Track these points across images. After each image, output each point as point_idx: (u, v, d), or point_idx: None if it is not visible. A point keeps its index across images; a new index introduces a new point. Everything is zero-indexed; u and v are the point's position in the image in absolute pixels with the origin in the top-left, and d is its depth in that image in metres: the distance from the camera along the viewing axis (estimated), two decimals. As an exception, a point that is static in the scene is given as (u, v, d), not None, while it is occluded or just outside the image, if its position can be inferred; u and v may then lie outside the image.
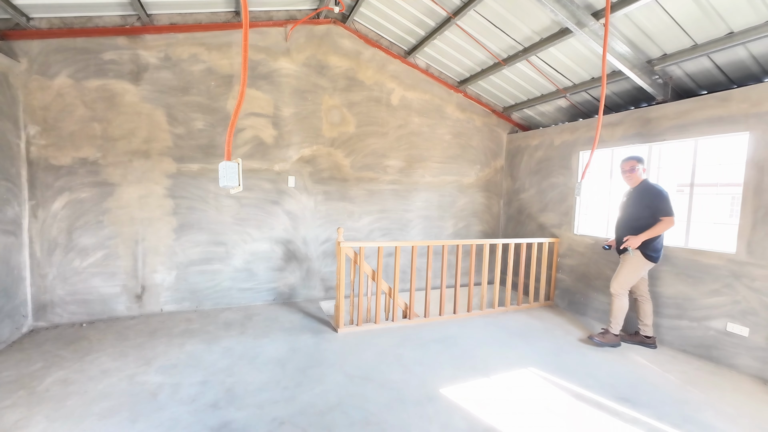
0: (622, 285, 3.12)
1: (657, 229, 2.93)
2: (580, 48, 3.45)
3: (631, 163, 3.09)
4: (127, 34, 3.33)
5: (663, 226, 2.92)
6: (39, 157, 3.13)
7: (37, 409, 2.08)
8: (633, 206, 3.08)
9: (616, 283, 3.14)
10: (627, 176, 3.13)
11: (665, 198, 2.95)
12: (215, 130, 3.72)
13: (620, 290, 3.13)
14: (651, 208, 2.97)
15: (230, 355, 2.81)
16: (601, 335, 3.21)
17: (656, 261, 3.07)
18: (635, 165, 3.07)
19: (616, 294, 3.15)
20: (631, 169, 3.09)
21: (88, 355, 2.73)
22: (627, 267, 3.10)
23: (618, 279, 3.13)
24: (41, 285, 3.21)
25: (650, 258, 3.04)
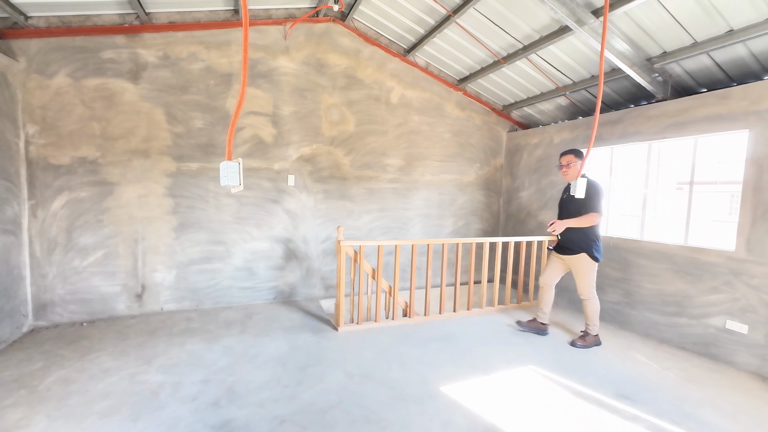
0: (589, 288, 3.12)
1: (581, 221, 2.95)
2: (580, 46, 3.45)
3: (568, 158, 3.06)
4: (126, 33, 3.32)
5: (587, 219, 2.94)
6: (38, 156, 3.13)
7: (39, 408, 2.09)
8: (574, 202, 3.05)
9: (583, 288, 3.14)
10: (564, 171, 3.11)
11: (600, 194, 2.97)
12: (214, 128, 3.72)
13: (589, 293, 3.13)
14: (587, 202, 2.97)
15: (231, 354, 2.82)
16: (581, 339, 3.17)
17: (600, 259, 3.10)
18: (572, 160, 3.04)
19: (586, 297, 3.14)
20: (567, 164, 3.06)
21: (88, 355, 2.74)
22: (583, 273, 3.10)
23: (582, 285, 3.13)
24: (41, 284, 3.21)
25: (595, 259, 3.06)
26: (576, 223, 2.97)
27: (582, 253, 3.05)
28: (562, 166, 3.11)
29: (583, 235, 3.04)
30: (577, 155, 3.05)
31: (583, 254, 3.05)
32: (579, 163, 3.02)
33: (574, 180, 2.87)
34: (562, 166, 3.10)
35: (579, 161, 3.02)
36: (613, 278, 3.78)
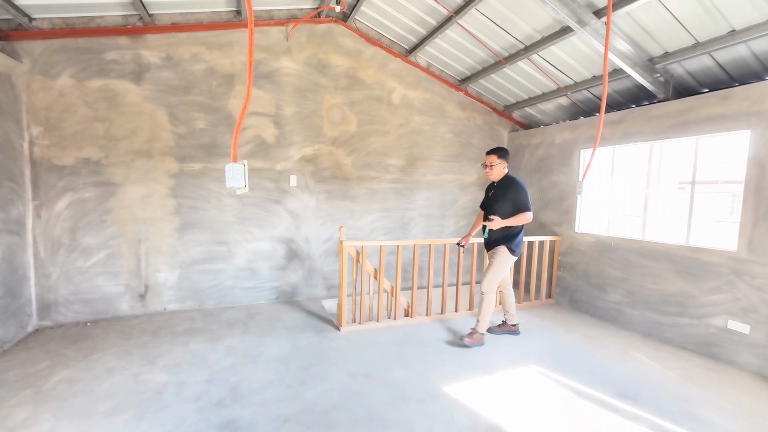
0: (493, 283, 3.09)
1: (517, 219, 2.96)
2: (582, 46, 3.45)
3: (491, 158, 3.05)
4: (129, 34, 3.33)
5: (523, 218, 2.96)
6: (42, 157, 3.15)
7: (44, 407, 2.10)
8: (497, 200, 3.06)
9: (487, 281, 3.09)
10: (488, 170, 3.11)
11: (525, 193, 3.00)
12: (217, 129, 3.73)
13: (491, 288, 3.10)
14: (513, 202, 3.00)
15: (234, 354, 2.83)
16: (469, 336, 3.11)
17: (519, 254, 3.12)
18: (494, 161, 3.04)
19: (487, 292, 3.10)
20: (491, 164, 3.06)
21: (92, 354, 2.75)
22: (495, 265, 3.07)
23: (488, 277, 3.09)
24: (45, 285, 3.23)
25: (514, 252, 3.07)
26: (513, 222, 2.97)
27: (501, 245, 3.06)
28: (486, 165, 3.10)
29: (502, 233, 3.07)
30: (500, 156, 3.04)
31: (502, 246, 3.06)
32: (503, 162, 3.05)
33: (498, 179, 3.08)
34: (486, 165, 3.10)
35: (502, 162, 3.04)
36: (614, 278, 3.79)
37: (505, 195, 3.02)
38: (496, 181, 3.14)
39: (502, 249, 3.05)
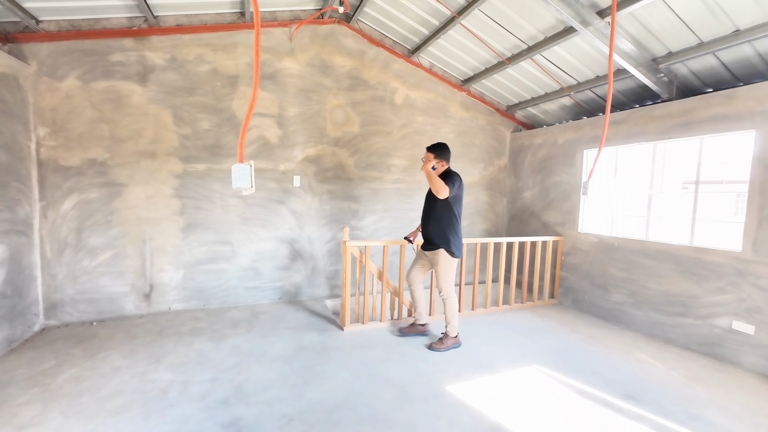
0: (449, 287, 3.03)
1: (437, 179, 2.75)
2: (585, 47, 3.45)
3: (428, 156, 2.93)
4: (134, 36, 3.36)
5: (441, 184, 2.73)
6: (48, 158, 3.18)
7: (52, 405, 2.13)
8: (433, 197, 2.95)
9: (441, 286, 3.03)
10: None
11: (454, 177, 2.87)
12: (220, 130, 3.75)
13: (450, 292, 3.04)
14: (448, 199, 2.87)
15: (238, 353, 2.85)
16: (439, 341, 3.06)
17: (460, 256, 3.02)
18: (430, 158, 2.91)
19: (447, 297, 3.04)
20: (428, 160, 2.93)
21: (98, 353, 2.78)
22: (442, 269, 3.00)
23: (441, 282, 3.02)
24: (52, 284, 3.26)
25: (453, 255, 2.97)
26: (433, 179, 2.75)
27: (440, 249, 2.97)
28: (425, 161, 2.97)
29: (440, 230, 2.95)
30: (437, 154, 2.91)
31: (441, 250, 2.97)
32: (441, 161, 2.91)
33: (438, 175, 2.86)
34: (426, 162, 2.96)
35: (439, 159, 2.91)
36: (617, 278, 3.78)
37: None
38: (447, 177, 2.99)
39: (441, 253, 2.97)
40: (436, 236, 2.98)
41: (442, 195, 2.75)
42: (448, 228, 2.95)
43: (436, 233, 2.98)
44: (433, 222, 3.00)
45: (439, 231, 2.96)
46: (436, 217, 2.97)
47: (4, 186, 2.72)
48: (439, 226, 2.96)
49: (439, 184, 2.75)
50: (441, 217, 2.95)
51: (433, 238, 3.01)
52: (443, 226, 2.95)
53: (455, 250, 2.97)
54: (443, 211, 2.94)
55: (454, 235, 2.96)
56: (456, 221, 2.96)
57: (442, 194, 2.74)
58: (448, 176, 2.89)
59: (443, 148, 2.95)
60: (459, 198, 2.95)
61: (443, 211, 2.94)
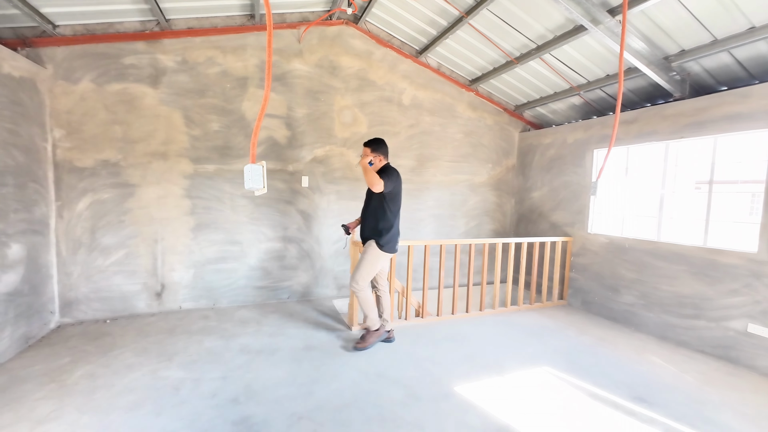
0: (361, 279, 2.95)
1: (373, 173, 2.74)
2: (595, 45, 3.42)
3: (365, 150, 2.93)
4: (146, 39, 3.42)
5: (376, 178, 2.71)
6: (64, 159, 3.25)
7: (68, 401, 2.18)
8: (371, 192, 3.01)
9: (355, 274, 2.97)
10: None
11: (391, 173, 2.86)
12: (230, 131, 3.80)
13: (360, 284, 2.96)
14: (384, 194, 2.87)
15: (247, 352, 2.88)
16: (361, 341, 3.02)
17: (391, 251, 2.98)
18: (367, 153, 2.91)
19: (357, 290, 2.96)
20: (365, 154, 2.93)
21: (112, 351, 2.84)
22: (364, 260, 2.95)
23: (358, 272, 2.96)
24: (67, 283, 3.34)
25: (382, 248, 2.93)
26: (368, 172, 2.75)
27: (371, 240, 2.97)
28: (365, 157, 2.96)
29: (374, 224, 2.97)
30: (374, 149, 2.90)
31: (371, 241, 2.96)
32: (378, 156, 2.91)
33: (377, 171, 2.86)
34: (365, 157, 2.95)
35: (375, 154, 2.90)
36: (628, 280, 3.73)
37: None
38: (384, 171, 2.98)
39: (370, 243, 2.96)
40: (369, 230, 3.00)
41: (376, 188, 2.73)
42: (383, 222, 2.94)
43: (370, 227, 3.00)
44: (369, 216, 3.02)
45: (373, 225, 2.98)
46: (371, 212, 3.00)
47: (21, 187, 2.80)
48: (374, 221, 2.97)
49: (374, 177, 2.73)
50: (376, 212, 2.97)
51: (366, 232, 3.04)
52: (378, 220, 2.96)
53: (385, 244, 2.94)
54: (378, 206, 2.95)
55: (389, 230, 2.95)
56: (391, 217, 2.95)
57: (377, 187, 2.72)
58: (385, 171, 2.88)
59: (380, 143, 2.95)
60: (395, 194, 2.93)
61: (378, 206, 2.95)
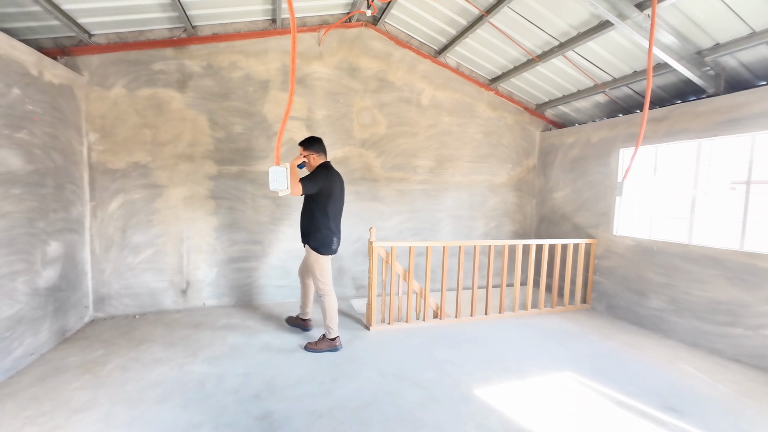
0: (320, 283, 2.97)
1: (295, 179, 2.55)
2: (622, 41, 3.31)
3: (300, 150, 2.93)
4: (174, 46, 3.55)
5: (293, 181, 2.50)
6: (98, 161, 3.42)
7: (101, 391, 2.29)
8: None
9: (315, 283, 3.02)
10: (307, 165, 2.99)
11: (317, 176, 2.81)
12: (252, 133, 3.89)
13: (321, 289, 2.98)
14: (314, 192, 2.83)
15: (268, 349, 2.95)
16: (315, 344, 2.97)
17: (330, 252, 2.95)
18: (302, 151, 2.91)
19: (320, 294, 2.99)
20: (306, 157, 2.91)
21: (141, 345, 2.96)
22: (315, 269, 2.96)
23: (314, 279, 3.00)
24: (100, 279, 3.50)
25: (319, 251, 2.90)
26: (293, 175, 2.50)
27: (309, 244, 2.95)
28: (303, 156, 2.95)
29: (306, 225, 2.96)
30: (305, 147, 2.90)
31: (307, 246, 2.98)
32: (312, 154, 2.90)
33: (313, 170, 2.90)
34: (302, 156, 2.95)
35: (309, 152, 2.89)
36: (656, 283, 3.59)
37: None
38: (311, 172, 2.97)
39: (310, 252, 2.96)
40: (305, 230, 2.99)
41: (294, 191, 2.53)
42: (312, 224, 2.91)
43: (304, 228, 3.00)
44: (302, 217, 3.02)
45: (306, 226, 2.97)
46: (304, 213, 3.00)
47: (60, 188, 2.96)
48: (306, 221, 2.97)
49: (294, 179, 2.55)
50: (306, 213, 2.97)
51: (302, 233, 3.03)
52: (309, 221, 2.94)
53: (319, 247, 2.90)
54: (306, 207, 2.96)
55: (317, 232, 2.90)
56: (320, 218, 2.88)
57: (294, 190, 2.53)
58: (314, 172, 2.87)
59: (312, 142, 2.92)
60: (324, 195, 2.85)
61: (306, 207, 2.96)
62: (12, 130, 2.42)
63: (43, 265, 2.76)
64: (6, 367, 2.39)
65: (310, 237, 2.94)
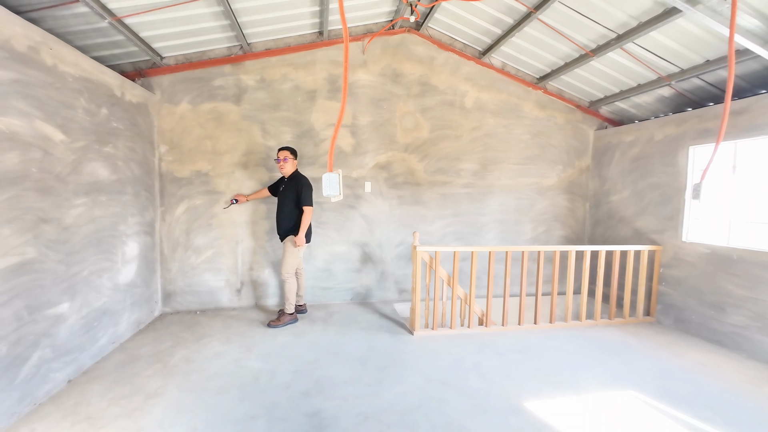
0: (289, 269, 3.49)
1: (305, 220, 3.41)
2: (691, 28, 3.01)
3: (284, 153, 3.47)
4: (232, 62, 3.84)
5: (308, 216, 3.42)
6: (167, 171, 3.78)
7: (170, 380, 2.51)
8: (287, 193, 3.50)
9: (284, 268, 3.49)
10: (280, 165, 3.51)
11: (310, 189, 3.49)
12: (300, 141, 4.08)
13: (288, 274, 3.49)
14: (297, 195, 3.43)
15: (316, 349, 3.05)
16: (277, 319, 3.52)
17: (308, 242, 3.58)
18: (287, 155, 3.48)
19: (286, 278, 3.49)
20: (284, 158, 3.47)
21: (203, 339, 3.21)
22: (287, 253, 3.48)
23: (283, 265, 3.50)
24: (167, 277, 3.86)
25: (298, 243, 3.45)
26: (305, 224, 3.41)
27: (290, 235, 3.48)
28: (279, 160, 3.49)
29: (290, 222, 3.48)
30: (291, 152, 3.51)
31: (289, 237, 3.48)
32: (292, 159, 3.52)
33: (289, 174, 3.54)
34: (279, 160, 3.48)
35: (294, 159, 3.54)
36: (737, 297, 3.19)
37: (293, 189, 3.46)
38: (287, 177, 3.57)
39: (289, 240, 3.48)
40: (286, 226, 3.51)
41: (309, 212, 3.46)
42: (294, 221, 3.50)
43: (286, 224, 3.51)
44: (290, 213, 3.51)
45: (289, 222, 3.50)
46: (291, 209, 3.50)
47: (137, 195, 3.32)
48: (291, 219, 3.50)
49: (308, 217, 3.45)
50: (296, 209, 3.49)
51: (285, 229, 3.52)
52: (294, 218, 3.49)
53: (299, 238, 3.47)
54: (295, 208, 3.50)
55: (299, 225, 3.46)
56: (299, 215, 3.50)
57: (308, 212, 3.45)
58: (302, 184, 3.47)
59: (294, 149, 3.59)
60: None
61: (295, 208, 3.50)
62: (101, 145, 2.76)
63: (123, 263, 3.11)
64: (93, 353, 2.72)
65: (295, 230, 3.47)
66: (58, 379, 2.34)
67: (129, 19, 2.84)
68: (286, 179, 3.58)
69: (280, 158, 3.48)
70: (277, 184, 3.75)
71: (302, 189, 3.43)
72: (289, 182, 3.54)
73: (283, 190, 3.56)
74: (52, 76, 2.27)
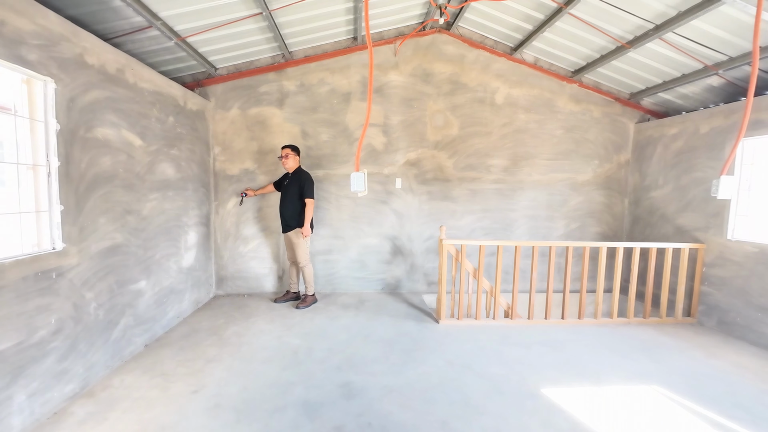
0: (305, 257, 3.89)
1: (308, 212, 3.76)
2: (737, 14, 2.86)
3: (286, 151, 3.81)
4: (275, 70, 4.22)
5: (310, 208, 3.77)
6: (220, 169, 4.26)
7: (225, 350, 2.93)
8: (291, 187, 3.81)
9: (299, 258, 3.87)
10: (283, 162, 3.82)
11: (312, 183, 3.82)
12: (336, 140, 4.38)
13: (305, 261, 3.89)
14: (301, 188, 3.76)
15: (348, 332, 3.34)
16: (302, 301, 3.94)
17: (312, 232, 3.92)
18: (289, 153, 3.80)
19: (304, 265, 3.90)
20: (285, 155, 3.79)
21: (250, 318, 3.63)
22: (299, 244, 3.84)
23: (299, 254, 3.87)
24: (220, 264, 4.37)
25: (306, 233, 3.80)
26: (309, 215, 3.77)
27: (296, 228, 3.82)
28: (281, 157, 3.81)
29: (295, 214, 3.81)
30: (293, 150, 3.83)
31: (297, 229, 3.81)
32: (295, 156, 3.83)
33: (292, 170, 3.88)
34: (282, 157, 3.81)
35: (296, 155, 3.85)
36: (787, 299, 3.01)
37: (297, 183, 3.77)
38: (291, 172, 3.88)
39: (296, 231, 3.83)
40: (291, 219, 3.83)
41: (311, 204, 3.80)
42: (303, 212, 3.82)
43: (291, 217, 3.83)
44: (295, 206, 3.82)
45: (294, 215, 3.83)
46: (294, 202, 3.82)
47: (196, 191, 3.81)
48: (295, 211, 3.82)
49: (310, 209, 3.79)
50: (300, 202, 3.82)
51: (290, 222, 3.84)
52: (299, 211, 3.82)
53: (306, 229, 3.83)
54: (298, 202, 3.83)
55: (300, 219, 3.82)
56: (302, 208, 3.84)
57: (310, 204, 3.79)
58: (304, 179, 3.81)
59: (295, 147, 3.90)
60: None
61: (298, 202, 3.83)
62: (169, 148, 3.24)
63: (185, 249, 3.60)
64: (163, 324, 3.22)
65: (300, 223, 3.80)
66: (138, 343, 2.84)
67: (191, 38, 3.27)
68: (290, 174, 3.89)
69: (283, 155, 3.80)
70: (281, 180, 4.07)
71: (305, 183, 3.75)
72: (292, 177, 3.85)
73: (287, 184, 3.87)
74: (133, 91, 2.73)
